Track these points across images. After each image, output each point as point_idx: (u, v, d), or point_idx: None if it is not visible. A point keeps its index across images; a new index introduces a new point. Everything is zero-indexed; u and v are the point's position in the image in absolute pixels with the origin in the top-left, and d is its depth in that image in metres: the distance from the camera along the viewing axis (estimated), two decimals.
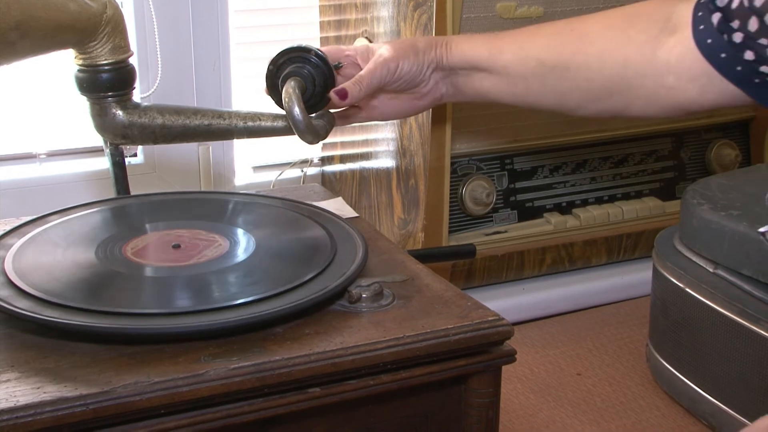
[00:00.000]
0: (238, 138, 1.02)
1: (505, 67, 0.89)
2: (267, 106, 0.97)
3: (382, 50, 0.91)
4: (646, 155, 1.48)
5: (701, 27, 0.77)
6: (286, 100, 0.87)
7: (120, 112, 0.99)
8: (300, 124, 0.86)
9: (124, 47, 0.99)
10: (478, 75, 0.91)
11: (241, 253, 0.83)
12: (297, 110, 0.86)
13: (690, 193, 1.19)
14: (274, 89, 0.92)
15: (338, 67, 0.93)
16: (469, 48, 0.90)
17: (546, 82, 0.87)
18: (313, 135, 0.88)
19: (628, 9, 0.85)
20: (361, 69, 0.92)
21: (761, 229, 0.79)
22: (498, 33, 0.91)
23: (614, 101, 0.85)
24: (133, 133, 1.00)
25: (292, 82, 0.88)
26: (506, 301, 1.38)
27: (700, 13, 0.77)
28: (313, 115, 0.91)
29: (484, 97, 0.93)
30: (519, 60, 0.88)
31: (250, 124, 0.99)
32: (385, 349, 0.71)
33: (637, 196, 1.47)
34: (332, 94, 0.89)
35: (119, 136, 1.01)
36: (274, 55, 0.91)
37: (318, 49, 0.90)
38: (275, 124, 0.98)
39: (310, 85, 0.90)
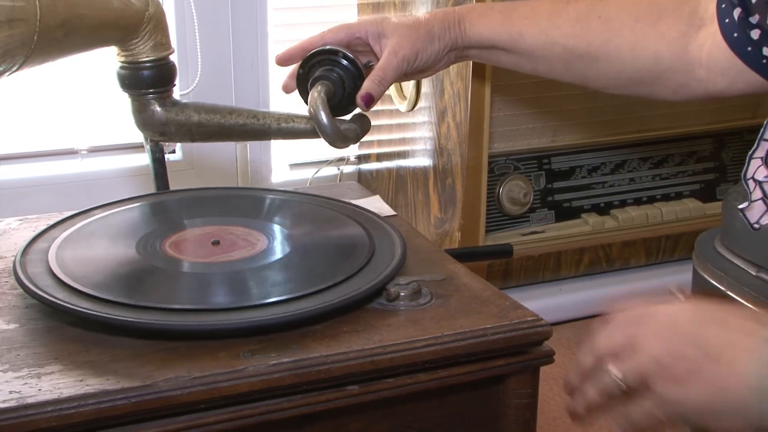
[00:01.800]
0: (271, 139, 1.02)
1: (527, 50, 0.87)
2: (303, 104, 0.97)
3: (398, 40, 0.88)
4: (686, 156, 1.46)
5: (726, 20, 0.78)
6: (312, 105, 0.85)
7: (158, 109, 1.00)
8: (326, 129, 0.85)
9: (165, 44, 1.00)
10: (496, 52, 0.89)
11: (280, 250, 0.83)
12: (322, 116, 0.85)
13: (733, 194, 1.18)
14: (304, 93, 0.90)
15: (368, 66, 0.90)
16: (486, 28, 0.88)
17: (570, 66, 0.87)
18: (340, 140, 0.87)
19: None
20: (373, 50, 0.89)
21: (740, 206, 0.78)
22: (515, 6, 0.88)
23: (641, 89, 0.86)
24: (170, 130, 1.01)
25: (319, 87, 0.86)
26: (543, 302, 1.38)
27: (723, 5, 0.78)
28: (348, 117, 0.90)
29: (498, 66, 0.92)
30: (543, 45, 0.86)
31: (283, 125, 0.99)
32: (424, 348, 0.71)
33: (677, 197, 1.46)
34: (358, 101, 0.87)
35: (157, 133, 1.02)
36: (304, 57, 0.90)
37: (346, 51, 0.88)
38: (309, 126, 0.98)
39: (340, 88, 0.88)
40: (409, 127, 1.39)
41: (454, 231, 1.30)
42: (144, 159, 1.39)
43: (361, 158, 1.56)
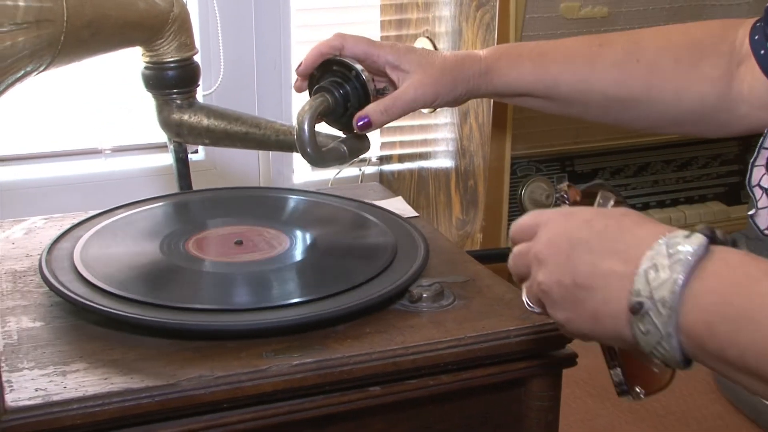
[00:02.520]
0: (270, 150, 1.02)
1: (563, 97, 0.84)
2: None
3: (422, 78, 0.83)
4: (710, 159, 1.45)
5: (762, 52, 0.77)
6: (299, 116, 0.82)
7: (175, 111, 1.01)
8: (305, 145, 0.82)
9: (189, 45, 1.01)
10: (525, 99, 0.87)
11: (303, 251, 0.83)
12: (305, 131, 0.81)
13: None
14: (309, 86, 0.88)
15: (381, 93, 0.87)
16: (516, 79, 0.84)
17: (609, 111, 0.85)
18: (318, 160, 0.83)
19: (690, 36, 0.82)
20: (388, 75, 0.85)
21: (749, 212, 0.78)
22: (545, 51, 0.84)
23: (683, 129, 0.85)
24: (184, 132, 1.02)
25: (319, 99, 0.83)
26: None
27: (756, 37, 0.78)
28: (344, 137, 0.87)
29: (524, 106, 0.89)
30: (580, 92, 0.84)
31: (281, 137, 0.99)
32: (446, 350, 0.71)
33: (701, 200, 1.45)
34: (354, 120, 0.83)
35: (174, 134, 1.03)
36: (323, 60, 0.87)
37: (362, 71, 0.84)
38: None
39: (341, 106, 0.84)
40: (431, 128, 1.39)
41: (475, 232, 1.30)
42: (167, 159, 1.40)
43: (383, 159, 1.56)
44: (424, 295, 0.77)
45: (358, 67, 0.85)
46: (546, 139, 1.34)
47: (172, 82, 1.01)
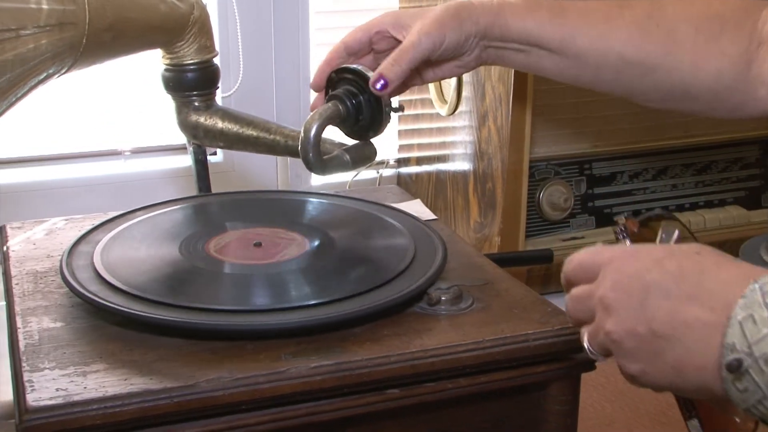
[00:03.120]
0: (279, 155, 1.02)
1: (577, 53, 0.81)
2: None
3: (422, 21, 0.80)
4: (731, 163, 1.44)
5: None
6: (306, 123, 0.81)
7: (192, 113, 1.02)
8: (306, 152, 0.80)
9: (209, 47, 1.01)
10: (538, 52, 0.82)
11: (321, 253, 0.84)
12: (311, 138, 0.80)
13: None
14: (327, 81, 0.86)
15: (397, 110, 0.84)
16: (533, 23, 0.80)
17: (621, 76, 0.81)
18: (316, 166, 0.82)
19: (712, 8, 0.80)
20: (397, 42, 0.82)
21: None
22: (564, 5, 0.81)
23: (695, 105, 0.82)
24: (200, 134, 1.02)
25: (331, 107, 0.82)
26: None
27: None
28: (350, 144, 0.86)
29: (535, 72, 0.86)
30: (597, 50, 0.80)
31: (290, 143, 1.00)
32: (465, 353, 0.71)
33: (721, 204, 1.44)
34: (371, 86, 0.80)
35: (192, 136, 1.04)
36: (344, 65, 0.84)
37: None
38: None
39: (353, 117, 0.83)
40: (450, 131, 1.39)
41: (493, 236, 1.30)
42: (186, 161, 1.40)
43: (401, 162, 1.56)
44: (443, 298, 0.77)
45: (368, 71, 0.82)
46: (565, 142, 1.34)
47: (192, 84, 1.01)
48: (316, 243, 0.86)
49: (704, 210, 1.43)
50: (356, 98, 0.82)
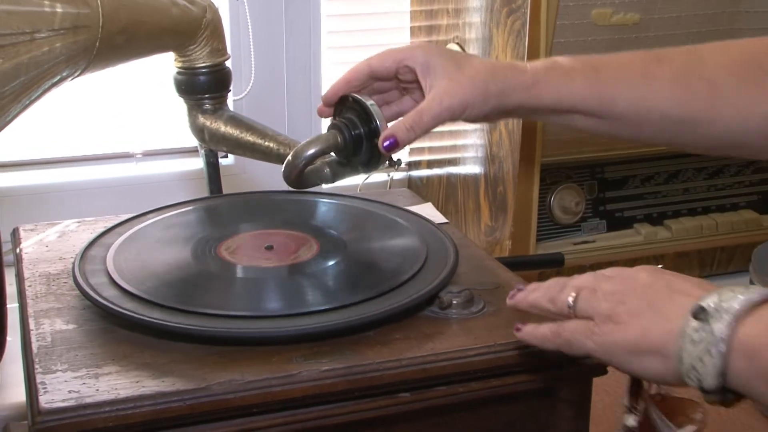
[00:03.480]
0: (273, 162, 1.02)
1: (618, 116, 0.78)
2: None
3: (447, 85, 0.78)
4: (743, 166, 1.44)
5: None
6: (306, 144, 0.81)
7: (199, 116, 1.02)
8: (291, 169, 0.80)
9: (221, 50, 1.02)
10: (573, 116, 0.80)
11: (333, 256, 0.84)
12: (306, 154, 0.80)
13: None
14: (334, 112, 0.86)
15: (394, 164, 0.83)
16: (569, 93, 0.78)
17: (664, 132, 0.79)
18: (294, 184, 0.82)
19: (750, 52, 0.77)
20: (420, 84, 0.80)
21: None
22: (598, 66, 0.79)
23: (744, 151, 0.80)
24: (205, 137, 1.03)
25: (330, 138, 0.81)
26: None
27: None
28: (332, 157, 0.85)
29: (567, 128, 0.83)
30: (637, 111, 0.78)
31: (281, 151, 1.00)
32: (476, 357, 0.71)
33: (733, 208, 1.43)
34: (380, 142, 0.78)
35: (200, 139, 1.04)
36: (358, 92, 0.82)
37: (381, 123, 0.80)
38: None
39: (349, 151, 0.82)
40: (461, 134, 1.39)
41: (504, 239, 1.29)
42: (198, 163, 1.41)
43: (412, 165, 1.56)
44: (454, 302, 0.77)
45: (378, 117, 0.81)
46: (576, 146, 1.33)
47: (204, 87, 1.02)
48: (328, 245, 0.86)
49: (716, 214, 1.42)
50: (359, 129, 0.81)
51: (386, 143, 0.78)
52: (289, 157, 0.81)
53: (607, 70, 0.78)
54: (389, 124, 0.81)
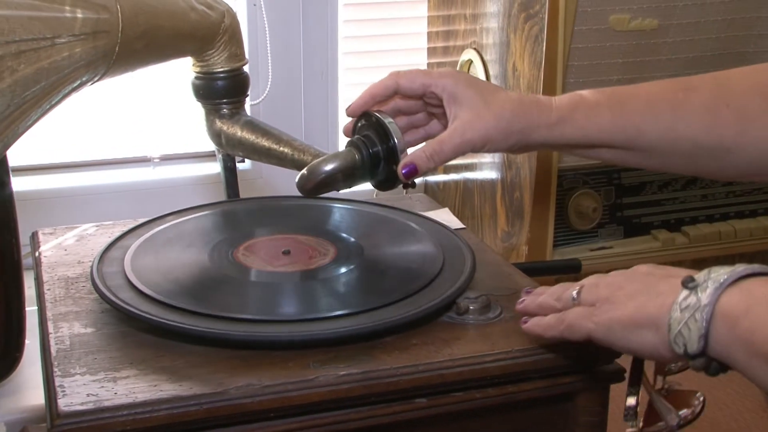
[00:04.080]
0: (288, 168, 1.02)
1: (646, 148, 0.78)
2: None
3: (470, 119, 0.77)
4: None
5: None
6: (325, 160, 0.81)
7: (217, 120, 1.03)
8: (306, 181, 0.80)
9: (239, 55, 1.02)
10: (599, 150, 0.80)
11: (350, 262, 0.84)
12: (322, 170, 0.80)
13: None
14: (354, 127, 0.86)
15: (407, 186, 0.83)
16: (594, 129, 0.77)
17: (695, 160, 0.78)
18: (307, 194, 0.82)
19: None
20: (443, 108, 0.80)
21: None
22: (624, 99, 0.78)
23: None
24: (222, 142, 1.03)
25: (349, 156, 0.81)
26: None
27: None
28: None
29: (592, 158, 0.83)
30: (666, 142, 0.77)
31: (296, 156, 1.00)
32: (493, 363, 0.71)
33: (752, 214, 1.42)
34: (399, 169, 0.79)
35: (217, 143, 1.05)
36: (379, 111, 0.82)
37: (399, 143, 0.80)
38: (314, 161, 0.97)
39: (366, 169, 0.82)
40: None
41: (521, 245, 1.29)
42: (215, 167, 1.41)
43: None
44: (471, 308, 0.77)
45: (399, 139, 0.81)
46: None
47: (222, 92, 1.02)
48: (345, 251, 0.86)
49: (735, 220, 1.41)
50: (377, 147, 0.81)
51: (405, 170, 0.79)
52: (305, 171, 0.81)
53: (634, 103, 0.77)
54: (415, 148, 0.81)
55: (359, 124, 0.84)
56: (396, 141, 0.80)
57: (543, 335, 0.69)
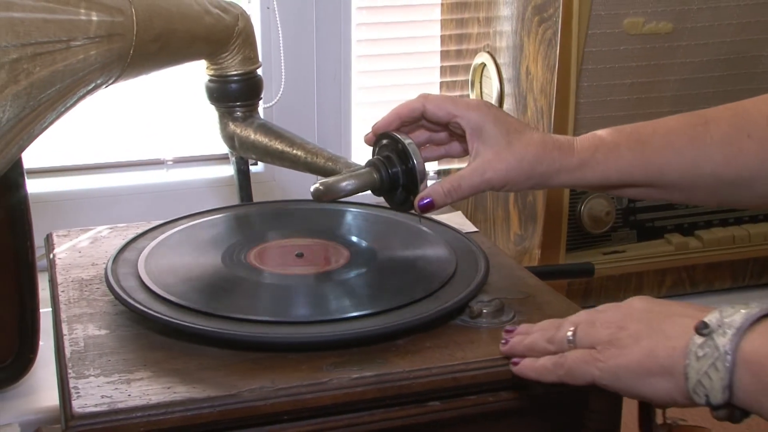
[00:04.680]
0: (300, 170, 1.02)
1: (668, 185, 0.78)
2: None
3: (492, 159, 0.78)
4: None
5: None
6: (342, 177, 0.81)
7: (230, 123, 1.03)
8: (323, 196, 0.80)
9: (253, 58, 1.02)
10: (622, 189, 0.80)
11: (363, 264, 0.84)
12: (340, 188, 0.80)
13: None
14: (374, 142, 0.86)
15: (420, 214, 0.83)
16: (615, 171, 0.77)
17: (718, 193, 0.78)
18: (316, 199, 0.82)
19: None
20: (465, 136, 0.80)
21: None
22: (644, 138, 0.77)
23: None
24: (235, 144, 1.03)
25: (368, 176, 0.81)
26: None
27: None
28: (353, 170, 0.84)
29: (618, 195, 0.84)
30: (688, 177, 0.76)
31: (308, 159, 1.00)
32: (507, 366, 0.71)
33: (766, 219, 1.42)
34: (416, 202, 0.80)
35: (230, 146, 1.05)
36: (397, 131, 0.82)
37: (420, 168, 0.81)
38: (327, 164, 0.98)
39: (386, 187, 0.82)
40: None
41: (533, 248, 1.29)
42: (228, 170, 1.41)
43: (441, 173, 1.56)
44: (485, 311, 0.77)
45: (416, 159, 0.81)
46: None
47: (235, 95, 1.02)
48: (358, 254, 0.86)
49: (749, 224, 1.40)
50: (396, 168, 0.81)
51: (422, 203, 0.79)
52: (321, 187, 0.81)
53: (654, 141, 0.77)
54: (432, 182, 0.81)
55: (380, 144, 0.84)
56: (416, 163, 0.80)
57: (539, 380, 0.67)
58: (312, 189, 0.82)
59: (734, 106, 0.77)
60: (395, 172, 0.81)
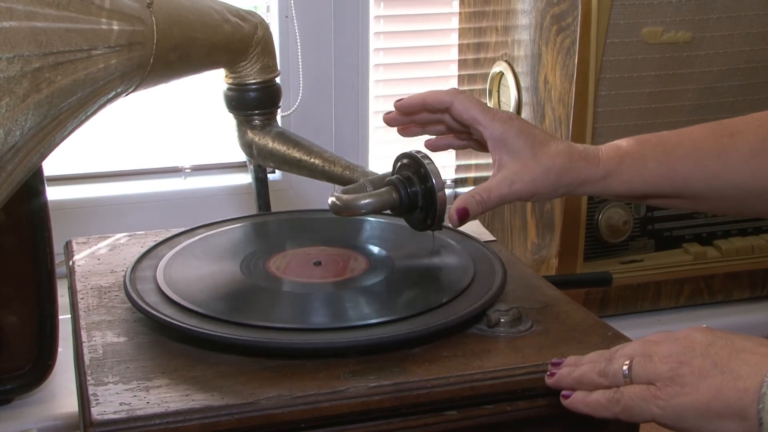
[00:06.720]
0: (317, 179, 1.03)
1: (694, 196, 0.78)
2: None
3: (519, 170, 0.78)
4: None
5: None
6: (362, 196, 0.82)
7: (248, 131, 1.03)
8: (341, 211, 0.81)
9: (271, 67, 1.03)
10: (648, 200, 0.82)
11: (381, 273, 0.84)
12: (359, 206, 0.81)
13: None
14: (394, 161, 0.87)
15: (439, 228, 0.85)
16: (641, 182, 0.78)
17: (744, 204, 0.78)
18: (336, 213, 0.83)
19: None
20: (481, 142, 0.82)
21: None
22: (670, 148, 0.78)
23: None
24: (253, 152, 1.03)
25: (391, 192, 0.82)
26: (641, 332, 1.33)
27: None
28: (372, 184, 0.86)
29: (645, 204, 0.84)
30: (714, 188, 0.77)
31: (326, 168, 1.00)
32: (524, 375, 0.71)
33: None
34: (452, 212, 0.80)
35: (248, 154, 1.05)
36: (418, 150, 0.84)
37: (439, 185, 0.82)
38: (345, 173, 0.98)
39: (404, 208, 0.83)
40: None
41: (551, 257, 1.28)
42: (246, 178, 1.42)
43: (458, 182, 1.56)
44: (502, 320, 0.76)
45: (435, 178, 0.81)
46: None
47: (254, 104, 1.03)
48: (376, 262, 0.86)
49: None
50: (414, 189, 0.82)
51: (458, 215, 0.79)
52: (339, 203, 0.81)
53: (679, 152, 0.77)
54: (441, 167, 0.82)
55: (399, 164, 0.85)
56: (434, 183, 0.81)
57: (592, 415, 0.65)
58: (330, 201, 0.82)
59: (758, 116, 0.77)
60: (414, 192, 0.82)
